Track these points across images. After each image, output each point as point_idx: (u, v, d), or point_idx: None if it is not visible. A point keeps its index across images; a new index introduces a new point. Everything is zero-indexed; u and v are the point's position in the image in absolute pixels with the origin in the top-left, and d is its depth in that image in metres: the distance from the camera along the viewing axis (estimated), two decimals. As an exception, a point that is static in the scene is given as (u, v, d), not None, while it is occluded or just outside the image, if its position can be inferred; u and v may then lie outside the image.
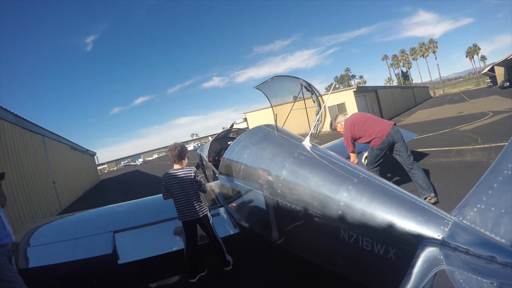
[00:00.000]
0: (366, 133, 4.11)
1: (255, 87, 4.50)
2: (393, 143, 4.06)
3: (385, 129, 4.01)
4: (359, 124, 4.16)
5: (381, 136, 4.00)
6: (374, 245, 1.83)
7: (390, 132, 4.00)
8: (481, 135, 8.09)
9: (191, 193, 3.13)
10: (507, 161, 1.39)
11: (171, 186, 3.13)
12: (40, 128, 12.68)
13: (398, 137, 4.05)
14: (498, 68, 41.38)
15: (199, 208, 3.14)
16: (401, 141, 4.09)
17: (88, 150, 27.46)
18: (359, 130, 4.15)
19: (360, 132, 4.15)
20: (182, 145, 3.31)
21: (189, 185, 3.13)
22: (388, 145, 4.03)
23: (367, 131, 4.10)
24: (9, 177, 8.04)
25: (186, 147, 3.39)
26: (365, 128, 4.11)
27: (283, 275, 3.05)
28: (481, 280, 1.21)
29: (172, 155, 3.24)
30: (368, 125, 4.11)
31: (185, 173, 3.16)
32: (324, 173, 2.24)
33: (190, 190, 3.13)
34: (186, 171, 3.17)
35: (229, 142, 5.02)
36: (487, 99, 22.09)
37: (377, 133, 4.03)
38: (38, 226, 3.59)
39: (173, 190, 3.12)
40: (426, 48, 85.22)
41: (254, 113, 30.91)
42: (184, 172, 3.17)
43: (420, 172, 4.03)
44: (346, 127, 4.27)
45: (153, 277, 3.58)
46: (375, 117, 4.34)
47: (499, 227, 1.36)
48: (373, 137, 4.06)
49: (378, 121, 4.21)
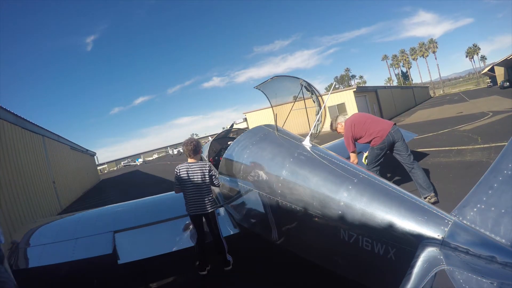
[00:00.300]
0: (367, 133, 4.13)
1: (255, 87, 4.50)
2: (394, 142, 4.09)
3: (385, 129, 4.04)
4: (359, 124, 4.18)
5: (381, 136, 4.03)
6: (374, 245, 1.83)
7: (390, 132, 4.03)
8: (481, 135, 8.09)
9: (203, 188, 3.18)
10: (507, 161, 1.39)
11: (184, 180, 3.17)
12: (40, 128, 12.68)
13: (398, 137, 4.09)
14: (498, 68, 41.40)
15: (208, 203, 3.18)
16: (401, 140, 4.12)
17: (88, 150, 27.46)
18: (360, 130, 4.17)
19: (361, 132, 4.17)
20: (197, 140, 3.38)
21: (202, 180, 3.17)
22: (389, 144, 4.06)
23: (367, 131, 4.12)
24: (9, 177, 8.05)
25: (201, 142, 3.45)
26: (366, 128, 4.14)
27: (283, 275, 3.05)
28: (481, 280, 1.21)
29: (187, 149, 3.28)
30: (369, 124, 4.14)
31: (200, 167, 3.20)
32: (324, 173, 2.24)
33: (203, 185, 3.17)
34: (201, 165, 3.22)
35: (229, 142, 5.02)
36: (487, 99, 22.10)
37: (377, 132, 4.05)
38: (38, 226, 3.60)
39: (185, 183, 3.17)
40: (426, 48, 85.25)
41: (254, 113, 30.92)
42: (198, 166, 3.21)
43: (420, 171, 4.06)
44: (346, 127, 4.29)
45: (153, 277, 3.59)
46: (375, 117, 4.37)
47: (499, 227, 1.36)
48: (373, 136, 4.08)
49: (378, 121, 4.24)
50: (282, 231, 2.67)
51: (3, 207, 7.03)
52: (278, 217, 2.59)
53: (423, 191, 3.96)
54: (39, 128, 12.55)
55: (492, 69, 45.73)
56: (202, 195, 3.17)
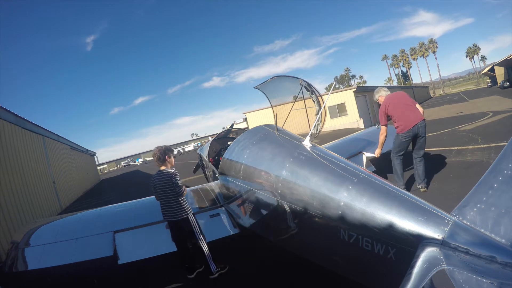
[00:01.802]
0: (397, 117, 4.45)
1: (255, 87, 4.50)
2: (417, 135, 4.42)
3: (413, 120, 4.33)
4: (393, 105, 4.49)
5: (408, 126, 4.34)
6: (374, 245, 1.83)
7: (417, 124, 4.34)
8: (481, 135, 8.09)
9: (170, 195, 3.17)
10: (507, 161, 1.39)
11: (155, 188, 3.24)
12: (40, 128, 12.67)
13: (423, 132, 4.42)
14: (498, 68, 41.38)
15: (177, 211, 3.16)
16: (424, 136, 4.48)
17: (88, 150, 27.45)
18: (392, 110, 4.49)
19: (392, 113, 4.49)
20: (162, 148, 3.34)
21: (168, 187, 3.18)
22: (413, 135, 4.39)
23: (398, 115, 4.43)
24: (9, 177, 8.05)
25: (170, 147, 3.44)
26: (397, 112, 4.44)
27: (283, 275, 3.05)
28: (481, 280, 1.21)
29: (154, 161, 3.33)
30: (401, 109, 4.43)
31: (165, 175, 3.22)
32: (324, 173, 2.24)
33: (169, 192, 3.17)
34: (166, 174, 3.23)
35: (229, 142, 5.02)
36: (487, 99, 22.09)
37: (405, 121, 4.36)
38: (38, 226, 3.59)
39: (156, 190, 3.25)
40: (426, 48, 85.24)
41: (254, 113, 30.90)
42: (164, 174, 3.23)
43: (423, 165, 4.59)
44: (383, 103, 4.67)
45: (153, 277, 3.59)
46: (411, 104, 4.52)
47: (499, 227, 1.36)
48: (401, 122, 4.41)
49: (412, 110, 4.44)
50: (282, 231, 2.67)
51: (3, 207, 7.03)
52: (278, 217, 2.59)
53: (419, 180, 4.63)
54: (39, 128, 12.55)
55: (492, 69, 45.72)
56: (169, 202, 3.17)
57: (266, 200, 2.67)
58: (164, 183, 3.19)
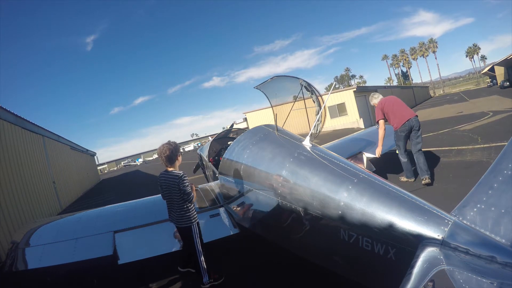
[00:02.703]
0: (392, 113, 5.02)
1: (255, 87, 4.50)
2: (412, 128, 4.92)
3: (406, 115, 4.93)
4: (388, 104, 5.10)
5: (402, 120, 4.91)
6: (374, 245, 1.82)
7: (411, 119, 4.90)
8: (481, 135, 8.08)
9: (175, 200, 2.94)
10: (507, 161, 1.39)
11: (162, 188, 3.02)
12: (40, 128, 12.66)
13: (416, 125, 4.94)
14: (498, 68, 41.32)
15: (180, 218, 2.95)
16: (418, 130, 4.96)
17: (88, 150, 27.44)
18: (387, 108, 5.07)
19: (388, 110, 5.07)
20: (172, 146, 3.01)
21: (174, 192, 2.92)
22: (409, 128, 4.90)
23: (393, 112, 5.02)
24: (9, 177, 8.04)
25: (178, 145, 3.11)
26: (393, 109, 5.03)
27: (283, 275, 3.05)
28: (481, 280, 1.21)
29: (161, 159, 3.00)
30: (396, 108, 5.05)
31: (172, 178, 2.93)
32: (324, 173, 2.24)
33: (174, 197, 2.93)
34: (173, 176, 2.93)
35: (229, 142, 5.02)
36: (487, 99, 22.07)
37: (400, 116, 4.95)
38: (38, 226, 3.59)
39: (163, 192, 3.02)
40: (426, 48, 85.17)
41: (254, 113, 30.89)
42: (171, 176, 2.95)
43: (422, 157, 4.90)
44: (379, 103, 5.26)
45: (153, 277, 3.58)
46: (403, 104, 5.18)
47: (499, 227, 1.36)
48: (397, 118, 4.97)
49: (404, 108, 5.11)
50: (282, 231, 2.67)
51: (3, 207, 7.03)
52: (278, 217, 2.59)
53: (422, 172, 4.87)
54: (39, 128, 12.54)
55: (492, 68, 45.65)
56: (173, 207, 2.98)
57: (266, 200, 2.67)
58: (172, 187, 2.92)
